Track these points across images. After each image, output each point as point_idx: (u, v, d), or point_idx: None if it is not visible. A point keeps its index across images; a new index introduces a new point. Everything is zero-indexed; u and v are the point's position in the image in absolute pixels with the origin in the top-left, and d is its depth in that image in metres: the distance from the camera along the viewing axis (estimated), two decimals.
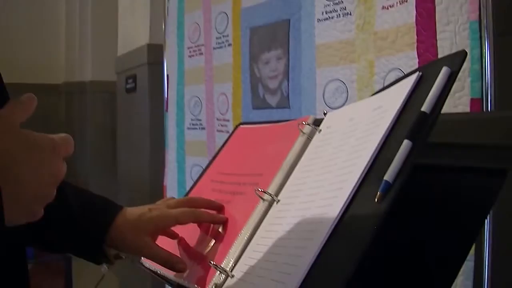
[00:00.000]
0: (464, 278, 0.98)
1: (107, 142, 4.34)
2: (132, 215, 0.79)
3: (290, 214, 0.69)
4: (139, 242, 0.78)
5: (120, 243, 0.78)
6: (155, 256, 0.78)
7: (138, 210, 0.80)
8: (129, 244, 0.78)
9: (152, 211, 0.80)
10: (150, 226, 0.78)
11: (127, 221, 0.78)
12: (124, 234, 0.78)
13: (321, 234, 0.59)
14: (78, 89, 4.70)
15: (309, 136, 0.81)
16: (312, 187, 0.69)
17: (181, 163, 2.02)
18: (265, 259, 0.67)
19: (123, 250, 0.80)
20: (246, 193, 0.82)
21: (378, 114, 0.66)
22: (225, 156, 0.97)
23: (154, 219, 0.78)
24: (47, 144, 0.53)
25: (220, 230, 0.81)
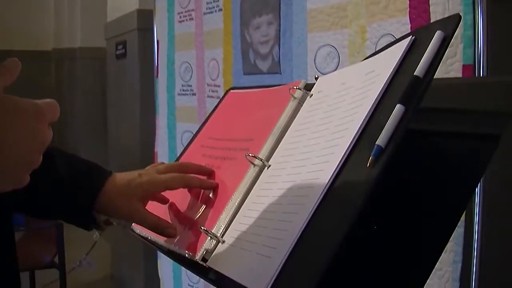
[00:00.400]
0: (454, 243, 0.99)
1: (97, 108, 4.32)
2: (122, 181, 0.78)
3: (281, 179, 0.69)
4: (129, 208, 0.77)
5: (109, 209, 0.78)
6: (144, 221, 0.78)
7: (128, 176, 0.79)
8: (119, 210, 0.77)
9: (141, 177, 0.79)
10: (139, 191, 0.78)
11: (117, 187, 0.78)
12: (113, 199, 0.77)
13: (312, 199, 0.58)
14: (68, 56, 4.66)
15: (300, 101, 0.80)
16: (303, 152, 0.69)
17: (172, 129, 2.01)
18: (256, 225, 0.66)
19: (113, 215, 0.79)
20: (237, 158, 0.81)
21: (370, 79, 0.65)
22: (216, 121, 0.96)
23: (143, 184, 0.78)
24: (31, 109, 0.52)
25: (211, 196, 0.80)
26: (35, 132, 0.52)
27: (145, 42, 2.64)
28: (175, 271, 2.06)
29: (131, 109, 2.85)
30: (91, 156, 1.06)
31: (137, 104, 2.77)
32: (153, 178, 0.79)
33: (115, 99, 3.20)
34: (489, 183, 0.97)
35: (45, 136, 0.53)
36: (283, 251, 0.57)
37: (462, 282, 1.00)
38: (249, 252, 0.63)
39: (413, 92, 0.57)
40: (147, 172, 0.81)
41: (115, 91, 3.19)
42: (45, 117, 0.53)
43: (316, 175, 0.61)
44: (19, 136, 0.50)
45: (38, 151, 0.53)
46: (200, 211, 0.79)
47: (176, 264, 2.00)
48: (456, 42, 0.97)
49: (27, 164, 0.52)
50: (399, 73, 0.61)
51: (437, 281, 1.03)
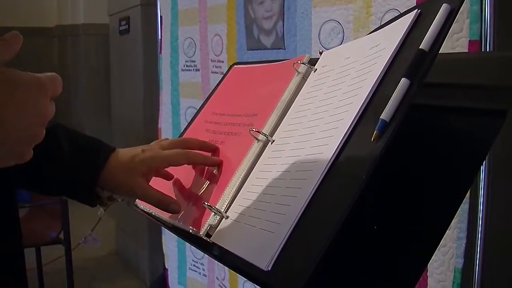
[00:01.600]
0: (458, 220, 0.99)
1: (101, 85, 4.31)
2: (125, 156, 0.78)
3: (285, 154, 0.69)
4: (132, 183, 0.77)
5: (113, 185, 0.78)
6: (148, 197, 0.77)
7: (131, 152, 0.79)
8: (122, 186, 0.77)
9: (144, 152, 0.79)
10: (142, 167, 0.77)
11: (120, 162, 0.77)
12: (116, 175, 0.77)
13: (316, 174, 0.58)
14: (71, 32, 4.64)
15: (304, 76, 0.80)
16: (307, 126, 0.68)
17: (176, 105, 2.00)
18: (260, 200, 0.66)
19: (117, 192, 0.79)
20: (241, 134, 0.81)
21: (375, 52, 0.64)
22: (219, 96, 0.95)
23: (146, 160, 0.77)
24: (32, 83, 0.51)
25: (215, 172, 0.80)
26: (37, 105, 0.51)
27: (149, 17, 2.63)
28: (179, 247, 2.07)
29: (135, 85, 2.85)
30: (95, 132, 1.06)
31: (140, 80, 2.77)
32: (156, 153, 0.79)
33: (119, 76, 3.19)
34: (494, 159, 0.97)
35: (47, 109, 0.53)
36: (286, 226, 0.57)
37: (466, 258, 1.00)
38: (252, 228, 0.63)
39: (418, 65, 0.56)
40: (151, 147, 0.81)
41: (118, 67, 3.19)
42: (47, 91, 0.52)
43: (320, 150, 0.61)
44: (20, 109, 0.50)
45: (40, 125, 0.52)
46: (204, 187, 0.79)
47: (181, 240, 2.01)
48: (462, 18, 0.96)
49: (30, 138, 0.52)
50: (405, 47, 0.61)
51: (441, 257, 1.03)
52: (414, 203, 0.66)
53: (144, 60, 2.72)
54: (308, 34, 1.32)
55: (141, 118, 2.78)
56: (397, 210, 0.66)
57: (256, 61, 0.99)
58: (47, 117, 0.53)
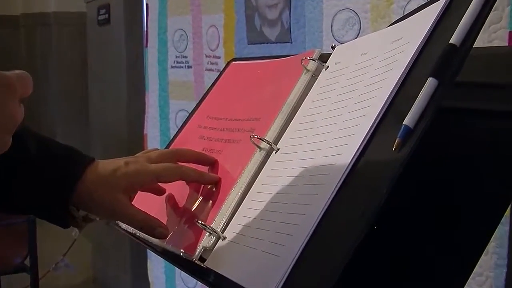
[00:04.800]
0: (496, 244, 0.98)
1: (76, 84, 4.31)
2: (105, 169, 0.77)
3: (292, 165, 0.69)
4: (111, 202, 0.76)
5: (89, 203, 0.77)
6: (130, 218, 0.77)
7: (112, 164, 0.78)
8: (100, 204, 0.76)
9: (128, 165, 0.78)
10: (124, 183, 0.76)
11: (99, 176, 0.76)
12: (94, 191, 0.76)
13: (329, 189, 0.58)
14: (40, 22, 4.64)
15: (314, 74, 0.80)
16: (317, 133, 0.69)
17: (164, 108, 2.01)
18: (262, 218, 0.67)
19: (94, 211, 0.78)
20: (240, 141, 0.81)
21: (397, 47, 0.65)
22: (215, 97, 0.96)
23: (130, 174, 0.77)
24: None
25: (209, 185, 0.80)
26: (3, 108, 0.51)
27: (132, 6, 2.64)
28: (167, 273, 2.07)
29: (117, 85, 2.86)
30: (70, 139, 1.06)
31: (123, 79, 2.77)
32: (142, 167, 0.78)
33: (98, 73, 3.20)
34: None
35: (16, 113, 0.53)
36: (294, 248, 0.57)
37: None
38: (254, 250, 0.63)
39: (448, 63, 0.56)
40: (136, 160, 0.80)
41: (97, 63, 3.19)
42: (15, 92, 0.52)
43: (333, 160, 0.61)
44: None
45: (7, 131, 0.53)
46: (198, 202, 0.79)
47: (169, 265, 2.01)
48: (502, 5, 0.96)
49: None
50: (432, 41, 0.61)
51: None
52: (442, 222, 0.66)
53: (127, 55, 2.73)
54: (319, 25, 1.33)
55: (123, 123, 2.79)
56: (421, 231, 0.67)
57: (258, 57, 1.00)
58: (15, 121, 0.53)
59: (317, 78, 0.79)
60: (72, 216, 0.78)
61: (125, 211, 0.76)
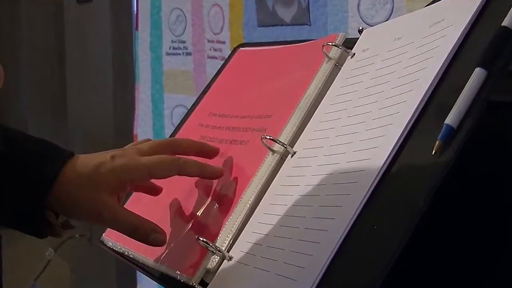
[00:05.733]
0: None
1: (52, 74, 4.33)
2: (87, 166, 0.76)
3: (311, 172, 0.69)
4: (96, 203, 0.75)
5: (69, 206, 0.75)
6: (119, 222, 0.76)
7: (96, 158, 0.77)
8: (82, 206, 0.75)
9: (115, 159, 0.77)
10: (111, 180, 0.76)
11: (79, 174, 0.75)
12: (74, 192, 0.75)
13: (355, 200, 0.58)
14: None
15: (337, 63, 0.80)
16: (342, 133, 0.69)
17: (158, 103, 2.01)
18: (276, 235, 0.67)
19: (75, 215, 0.77)
20: (249, 142, 0.81)
21: (438, 31, 0.65)
22: (219, 90, 0.96)
23: (117, 170, 0.76)
24: None
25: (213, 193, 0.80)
26: None
27: None
28: None
29: (100, 75, 2.86)
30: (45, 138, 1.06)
31: (108, 68, 2.78)
32: (132, 161, 0.77)
33: (78, 61, 3.20)
34: None
35: None
36: (313, 272, 0.57)
37: None
38: (265, 273, 0.64)
39: (499, 50, 0.57)
40: (124, 153, 0.79)
41: (77, 50, 3.20)
42: None
43: (361, 166, 0.61)
44: None
45: None
46: (198, 215, 0.79)
47: None
48: None
49: None
50: (480, 23, 0.61)
51: None
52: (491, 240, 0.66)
53: (113, 39, 2.74)
54: (343, 4, 1.33)
55: (109, 121, 2.79)
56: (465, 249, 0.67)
57: (271, 42, 1.00)
58: None
59: (341, 67, 0.80)
60: (49, 223, 0.76)
61: (113, 214, 0.75)
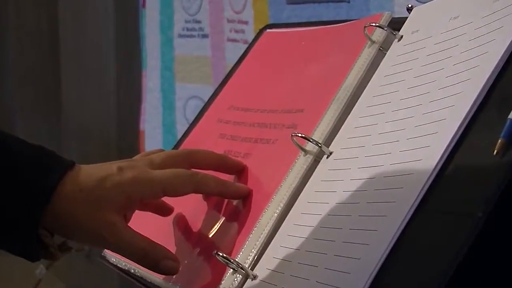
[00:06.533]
0: None
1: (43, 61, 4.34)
2: (90, 178, 0.76)
3: (350, 175, 0.69)
4: (99, 223, 0.75)
5: (68, 225, 0.75)
6: (125, 246, 0.76)
7: (101, 170, 0.77)
8: (83, 226, 0.75)
9: (123, 172, 0.77)
10: (118, 196, 0.76)
11: (81, 187, 0.75)
12: (74, 209, 0.74)
13: (402, 209, 0.58)
14: None
15: (382, 47, 0.80)
16: (387, 130, 0.69)
17: (169, 94, 2.01)
18: (308, 250, 0.67)
19: (74, 236, 0.77)
20: (277, 142, 0.82)
21: (502, 8, 0.65)
22: (242, 80, 0.96)
23: (125, 184, 0.76)
24: None
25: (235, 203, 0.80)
26: None
27: None
28: None
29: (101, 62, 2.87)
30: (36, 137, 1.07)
31: (110, 53, 2.79)
32: (143, 175, 0.77)
33: (74, 47, 3.21)
34: None
35: None
36: None
37: None
38: None
39: None
40: (134, 164, 0.79)
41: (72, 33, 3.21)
42: None
43: (409, 169, 0.61)
44: None
45: None
46: (217, 227, 0.80)
47: None
48: None
49: None
50: None
51: None
52: None
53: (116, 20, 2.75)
54: None
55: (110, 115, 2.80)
56: None
57: (302, 23, 1.00)
58: None
59: (386, 53, 0.80)
60: (43, 244, 0.76)
61: (119, 237, 0.75)
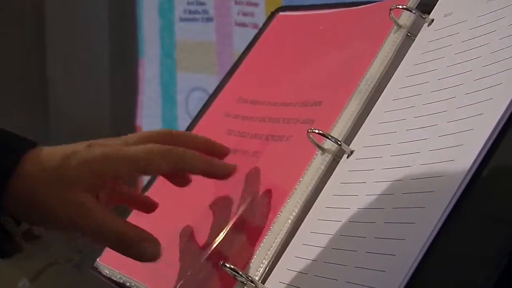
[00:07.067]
0: None
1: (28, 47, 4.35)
2: (54, 157, 0.75)
3: (374, 177, 0.69)
4: (65, 203, 0.73)
5: (31, 208, 0.74)
6: (97, 228, 0.73)
7: (67, 148, 0.76)
8: (47, 208, 0.73)
9: (91, 149, 0.76)
10: (85, 173, 0.74)
11: (44, 167, 0.74)
12: (37, 189, 0.73)
13: (433, 215, 0.58)
14: None
15: (410, 32, 0.80)
16: (415, 127, 0.69)
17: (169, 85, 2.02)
18: (326, 261, 0.67)
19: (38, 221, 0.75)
20: (291, 139, 0.82)
21: None
22: (252, 69, 0.96)
23: (93, 161, 0.75)
24: None
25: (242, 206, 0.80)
26: None
27: None
28: None
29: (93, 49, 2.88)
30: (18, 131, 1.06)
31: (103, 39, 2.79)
32: (114, 151, 0.76)
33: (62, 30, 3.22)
34: None
35: None
36: None
37: None
38: None
39: None
40: (105, 141, 0.79)
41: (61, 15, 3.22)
42: None
43: (440, 170, 0.61)
44: None
45: None
46: (223, 235, 0.80)
47: None
48: None
49: None
50: None
51: None
52: None
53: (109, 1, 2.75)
54: None
55: (103, 108, 2.80)
56: None
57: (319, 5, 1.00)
58: None
59: (415, 39, 0.80)
60: (6, 233, 0.75)
61: (89, 218, 0.73)
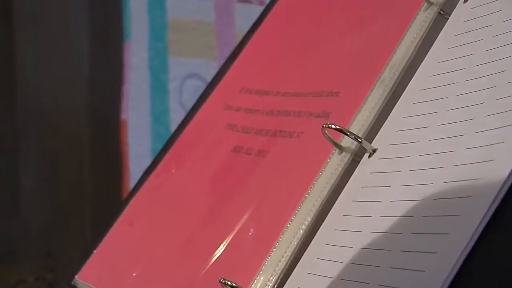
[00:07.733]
0: None
1: None
2: None
3: (400, 179, 0.69)
4: None
5: None
6: None
7: None
8: None
9: None
10: None
11: None
12: None
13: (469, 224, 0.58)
14: None
15: (442, 10, 0.80)
16: (448, 121, 0.69)
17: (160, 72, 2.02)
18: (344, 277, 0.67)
19: None
20: (303, 135, 0.82)
21: None
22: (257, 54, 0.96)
23: None
24: None
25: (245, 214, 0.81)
26: None
27: None
28: None
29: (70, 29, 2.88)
30: None
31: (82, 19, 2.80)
32: None
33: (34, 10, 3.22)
34: None
35: None
36: None
37: None
38: None
39: None
40: None
41: None
42: None
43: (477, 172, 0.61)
44: None
45: None
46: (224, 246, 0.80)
47: None
48: None
49: None
50: None
51: None
52: None
53: None
54: None
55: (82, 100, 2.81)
56: None
57: None
58: None
59: (448, 18, 0.79)
60: None
61: None
